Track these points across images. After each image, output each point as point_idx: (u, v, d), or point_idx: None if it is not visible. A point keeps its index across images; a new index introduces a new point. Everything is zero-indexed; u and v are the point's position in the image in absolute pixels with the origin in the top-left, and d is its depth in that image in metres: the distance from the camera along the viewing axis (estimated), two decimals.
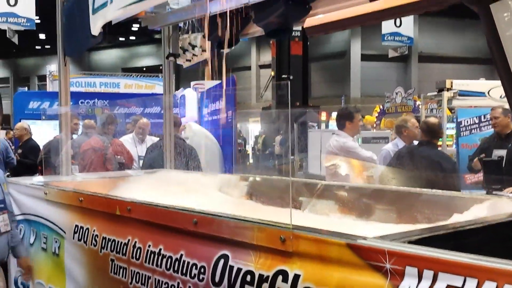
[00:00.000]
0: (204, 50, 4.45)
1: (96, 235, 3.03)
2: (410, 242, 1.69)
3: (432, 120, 5.07)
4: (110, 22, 3.82)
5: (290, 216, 1.90)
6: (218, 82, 8.37)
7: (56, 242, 3.44)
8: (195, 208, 2.47)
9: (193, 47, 4.49)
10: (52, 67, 17.84)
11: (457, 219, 2.26)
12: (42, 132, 8.52)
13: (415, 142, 5.11)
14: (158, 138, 6.31)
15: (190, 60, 4.64)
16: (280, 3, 3.11)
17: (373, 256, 1.61)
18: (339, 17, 2.96)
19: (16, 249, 3.61)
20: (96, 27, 3.86)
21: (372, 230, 2.25)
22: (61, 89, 4.39)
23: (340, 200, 3.29)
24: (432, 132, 4.89)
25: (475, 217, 2.11)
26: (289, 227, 1.90)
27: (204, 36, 4.35)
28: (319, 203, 3.34)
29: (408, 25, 19.40)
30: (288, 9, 3.10)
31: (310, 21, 3.20)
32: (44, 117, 9.40)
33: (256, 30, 3.74)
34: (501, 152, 5.19)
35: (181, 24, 4.56)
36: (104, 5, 3.71)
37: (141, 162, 6.32)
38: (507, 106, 7.42)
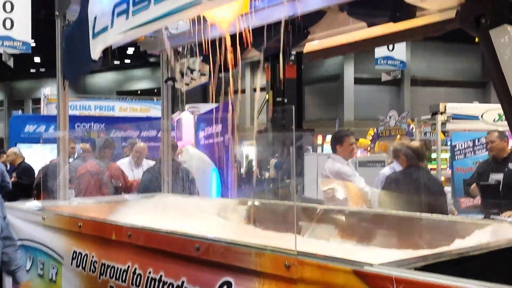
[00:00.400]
0: (203, 74, 4.48)
1: (95, 261, 3.00)
2: (416, 269, 1.69)
3: (415, 144, 5.15)
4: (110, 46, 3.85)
5: (295, 242, 1.89)
6: (215, 105, 8.40)
7: (53, 268, 3.40)
8: (197, 233, 2.45)
9: (192, 71, 4.51)
10: (47, 90, 17.86)
11: (459, 244, 2.26)
12: (38, 156, 8.50)
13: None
14: (154, 162, 6.30)
15: (188, 84, 4.66)
16: (278, 28, 3.14)
17: (380, 283, 1.60)
18: (338, 43, 3.00)
19: (17, 275, 3.55)
20: (96, 51, 3.88)
21: (374, 255, 2.24)
22: (60, 113, 4.38)
23: (340, 224, 3.28)
24: (418, 156, 4.97)
25: (478, 243, 2.10)
26: (294, 253, 1.88)
27: (202, 60, 4.39)
28: (319, 227, 3.33)
29: (400, 49, 19.65)
30: (286, 34, 3.13)
31: (309, 47, 3.25)
32: (42, 141, 9.38)
33: (254, 54, 3.78)
34: (498, 176, 5.20)
35: (180, 48, 4.59)
36: (104, 29, 3.73)
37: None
38: (500, 129, 7.49)
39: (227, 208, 4.13)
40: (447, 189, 8.95)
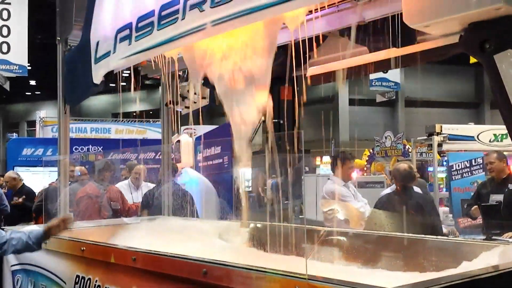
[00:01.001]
0: (203, 97, 4.52)
1: (99, 286, 2.98)
2: None
3: (403, 165, 5.30)
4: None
5: (306, 265, 1.89)
6: (211, 127, 8.42)
7: None
8: (204, 257, 2.44)
9: (192, 94, 4.55)
10: (42, 113, 17.87)
11: (467, 266, 2.26)
12: (36, 179, 8.47)
13: (416, 188, 5.22)
14: (154, 185, 6.28)
15: (188, 107, 4.69)
16: (280, 52, 3.17)
17: None
18: (341, 67, 3.03)
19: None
20: (98, 76, 3.91)
21: (382, 278, 2.24)
22: (61, 137, 4.39)
23: (343, 247, 3.28)
24: (406, 177, 5.12)
25: (487, 265, 2.11)
26: (305, 277, 1.88)
27: (203, 84, 4.42)
28: (323, 250, 3.32)
29: (394, 71, 19.82)
30: (288, 58, 3.16)
31: (313, 70, 3.28)
32: (43, 164, 9.34)
33: None
34: (498, 197, 5.23)
35: (181, 72, 4.63)
36: (107, 54, 3.77)
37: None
38: (495, 149, 7.51)
39: (229, 231, 4.11)
40: (445, 209, 8.97)
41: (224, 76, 3.18)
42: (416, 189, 5.17)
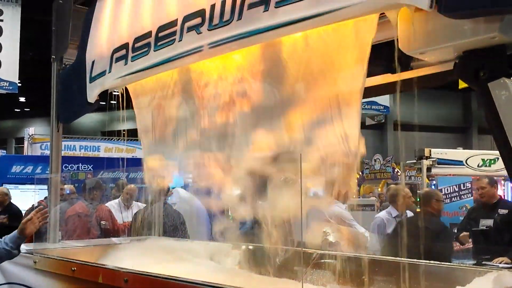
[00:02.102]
0: None
1: None
2: None
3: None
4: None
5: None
6: None
7: None
8: (196, 279, 2.43)
9: None
10: (31, 130, 17.75)
11: None
12: (24, 197, 8.36)
13: (408, 212, 5.22)
14: (144, 205, 6.24)
15: None
16: None
17: None
18: None
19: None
20: (93, 95, 3.92)
21: None
22: (53, 155, 4.37)
23: (336, 270, 3.27)
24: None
25: None
26: None
27: None
28: (316, 273, 3.31)
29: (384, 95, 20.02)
30: None
31: None
32: (35, 182, 9.20)
33: None
34: (488, 222, 5.27)
35: None
36: (102, 74, 3.78)
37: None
38: (482, 174, 7.55)
39: (220, 252, 4.09)
40: None
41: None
42: (409, 213, 5.18)
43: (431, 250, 3.78)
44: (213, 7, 2.86)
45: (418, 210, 5.90)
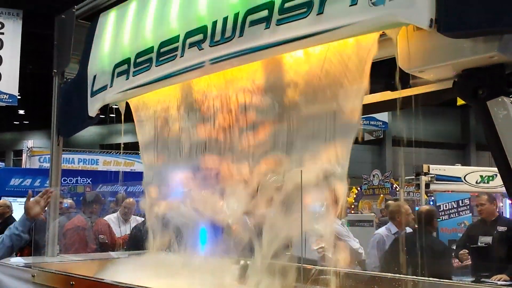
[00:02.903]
0: None
1: None
2: None
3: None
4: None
5: None
6: None
7: None
8: None
9: None
10: (29, 142, 17.77)
11: None
12: (22, 210, 8.33)
13: (407, 228, 5.22)
14: (142, 218, 6.24)
15: None
16: None
17: None
18: None
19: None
20: (94, 109, 3.94)
21: None
22: (53, 168, 4.37)
23: (335, 286, 3.26)
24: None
25: None
26: None
27: None
28: None
29: None
30: None
31: None
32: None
33: None
34: (487, 239, 5.28)
35: None
36: (103, 88, 3.81)
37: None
38: (482, 190, 7.56)
39: (219, 267, 4.08)
40: None
41: None
42: (408, 229, 5.18)
43: (432, 267, 3.78)
44: (215, 23, 2.90)
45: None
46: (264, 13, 2.61)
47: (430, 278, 2.92)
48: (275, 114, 2.92)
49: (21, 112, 27.33)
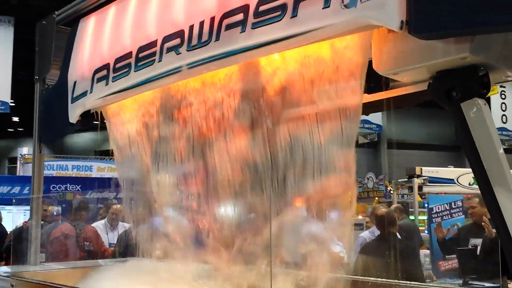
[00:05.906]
0: None
1: None
2: None
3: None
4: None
5: None
6: None
7: None
8: None
9: None
10: (24, 150, 17.70)
11: None
12: (10, 218, 8.30)
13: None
14: (130, 225, 6.18)
15: None
16: None
17: None
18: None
19: None
20: (74, 115, 3.90)
21: None
22: (35, 176, 4.33)
23: None
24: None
25: None
26: None
27: None
28: None
29: (377, 113, 20.08)
30: None
31: None
32: (14, 203, 9.19)
33: None
34: (477, 241, 5.25)
35: None
36: (83, 94, 3.77)
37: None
38: (475, 192, 7.54)
39: (204, 274, 4.03)
40: (426, 252, 8.95)
41: None
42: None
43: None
44: (191, 28, 2.87)
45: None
46: (240, 16, 2.58)
47: (413, 282, 2.89)
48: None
49: (16, 119, 27.22)
